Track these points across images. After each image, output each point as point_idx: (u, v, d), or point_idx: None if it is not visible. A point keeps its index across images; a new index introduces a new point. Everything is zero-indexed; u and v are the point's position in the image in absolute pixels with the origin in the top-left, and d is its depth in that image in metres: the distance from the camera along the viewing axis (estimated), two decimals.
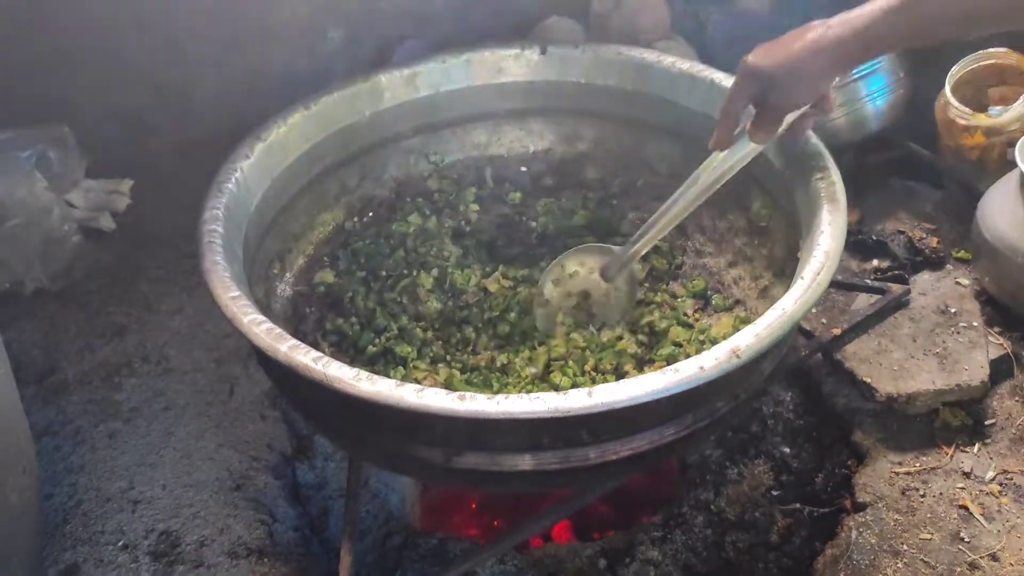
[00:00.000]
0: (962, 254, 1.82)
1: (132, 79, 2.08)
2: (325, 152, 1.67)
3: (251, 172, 1.51)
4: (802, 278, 1.22)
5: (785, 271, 1.55)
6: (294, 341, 1.15)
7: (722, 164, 1.34)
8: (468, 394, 1.07)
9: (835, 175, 1.37)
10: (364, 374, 1.09)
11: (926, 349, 1.59)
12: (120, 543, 1.43)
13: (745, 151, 1.31)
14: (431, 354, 1.54)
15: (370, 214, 1.76)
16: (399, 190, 1.80)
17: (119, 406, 1.65)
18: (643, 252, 1.50)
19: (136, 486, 1.51)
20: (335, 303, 1.62)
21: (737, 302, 1.60)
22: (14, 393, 1.24)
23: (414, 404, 1.04)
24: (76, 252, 1.90)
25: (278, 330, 1.17)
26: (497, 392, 1.32)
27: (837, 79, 1.31)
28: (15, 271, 1.81)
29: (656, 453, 1.17)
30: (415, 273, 1.66)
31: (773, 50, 1.23)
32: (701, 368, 1.09)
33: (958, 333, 1.61)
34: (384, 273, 1.66)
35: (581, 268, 1.59)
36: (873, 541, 1.39)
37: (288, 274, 1.62)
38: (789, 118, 1.28)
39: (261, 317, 1.20)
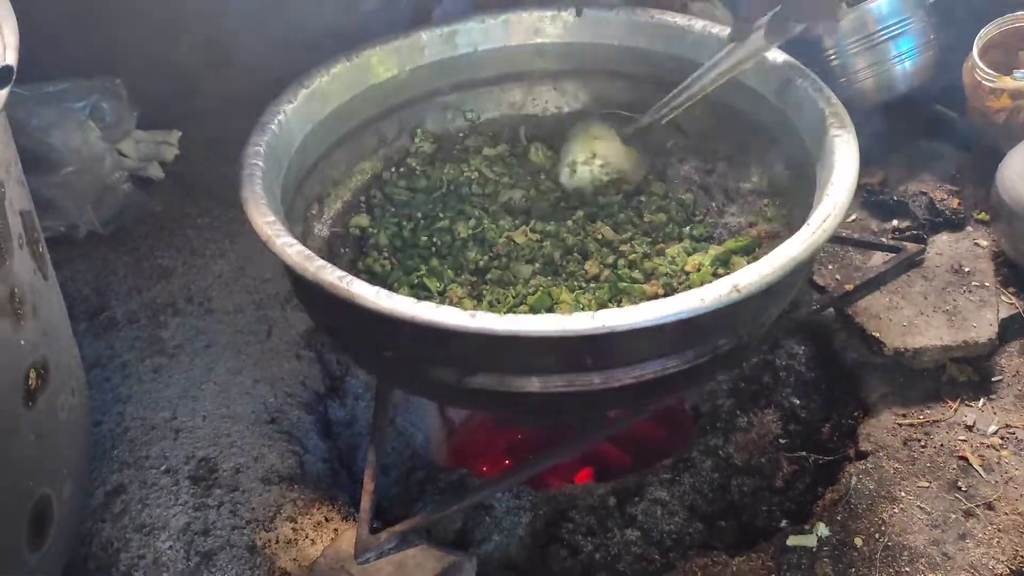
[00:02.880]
0: (983, 216, 1.84)
1: (181, 35, 2.16)
2: (365, 104, 1.74)
3: (294, 116, 1.58)
4: (808, 224, 1.28)
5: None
6: (322, 262, 1.23)
7: (736, 55, 1.51)
8: (478, 312, 1.14)
9: (850, 130, 1.41)
10: (384, 291, 1.17)
11: (936, 306, 1.62)
12: (163, 467, 1.53)
13: (756, 47, 1.48)
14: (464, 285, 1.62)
15: (407, 164, 1.83)
16: (435, 144, 1.87)
17: (164, 343, 1.75)
18: (661, 121, 1.69)
19: (178, 416, 1.61)
20: (368, 245, 1.70)
21: (755, 259, 1.65)
22: (66, 323, 1.34)
23: (427, 319, 1.12)
24: (127, 199, 2.00)
25: (308, 252, 1.25)
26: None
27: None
28: (70, 215, 1.92)
29: (658, 385, 1.23)
30: (449, 220, 1.74)
31: None
32: (701, 300, 1.15)
33: (970, 292, 1.65)
34: (420, 215, 1.72)
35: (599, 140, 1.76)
36: (871, 487, 1.45)
37: (326, 216, 1.69)
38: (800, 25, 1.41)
39: (292, 240, 1.27)
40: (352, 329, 1.33)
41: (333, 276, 1.19)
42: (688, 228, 1.69)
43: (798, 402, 1.66)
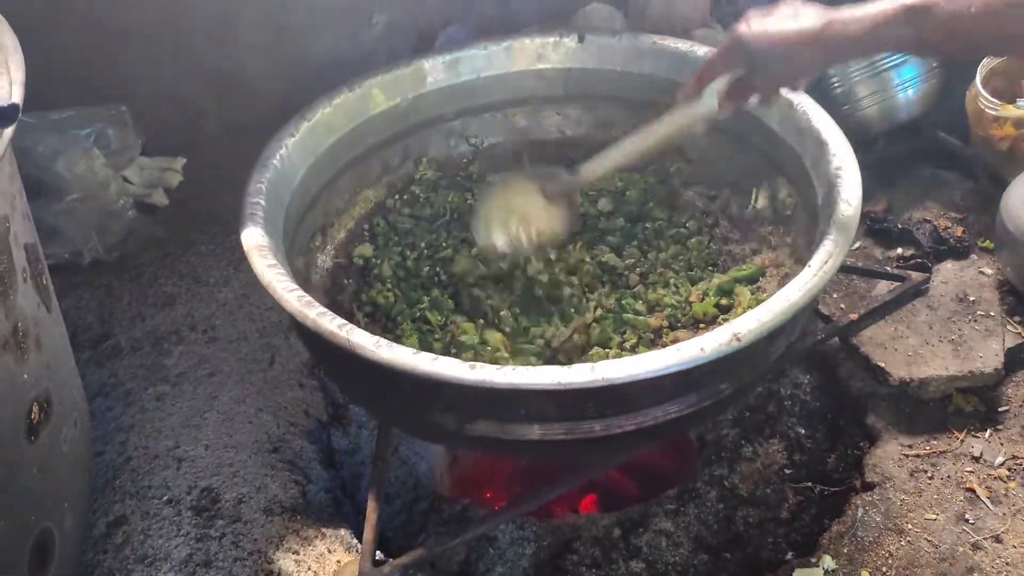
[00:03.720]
0: (987, 244, 1.84)
1: (187, 63, 2.17)
2: (368, 132, 1.74)
3: (295, 149, 1.59)
4: (809, 266, 1.27)
5: (806, 260, 1.59)
6: (322, 308, 1.23)
7: (682, 116, 1.40)
8: (478, 364, 1.14)
9: (852, 164, 1.41)
10: (384, 341, 1.17)
11: (942, 336, 1.62)
12: (165, 498, 1.52)
13: (707, 111, 1.37)
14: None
15: (411, 191, 1.84)
16: (440, 171, 1.88)
17: (167, 371, 1.75)
18: (590, 180, 1.57)
19: (181, 445, 1.61)
20: (372, 275, 1.70)
21: (759, 288, 1.65)
22: (69, 354, 1.35)
23: (426, 371, 1.11)
24: (131, 226, 2.01)
25: (308, 298, 1.25)
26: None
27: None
28: (74, 242, 1.92)
29: (660, 429, 1.23)
30: (451, 248, 1.74)
31: (768, 28, 1.20)
32: (702, 350, 1.14)
33: (975, 321, 1.64)
34: (423, 245, 1.73)
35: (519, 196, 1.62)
36: (878, 519, 1.44)
37: (329, 246, 1.70)
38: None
39: (294, 285, 1.28)
40: (352, 374, 1.32)
41: (333, 325, 1.19)
42: (692, 256, 1.70)
43: (803, 432, 1.65)
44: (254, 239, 1.35)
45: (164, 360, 1.77)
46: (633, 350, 1.52)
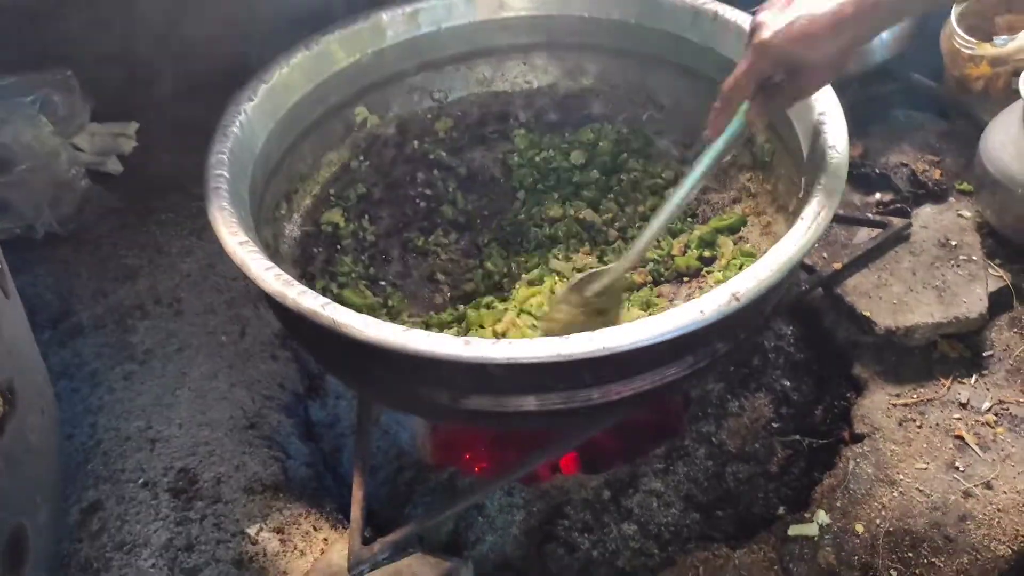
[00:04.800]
0: (965, 186, 1.82)
1: (133, 22, 2.07)
2: (329, 92, 1.67)
3: (255, 114, 1.51)
4: (802, 218, 1.24)
5: (788, 207, 1.56)
6: (302, 288, 1.17)
7: (713, 159, 1.21)
8: (473, 339, 1.10)
9: (837, 112, 1.37)
10: (372, 320, 1.12)
11: (925, 282, 1.60)
12: (140, 480, 1.47)
13: (737, 135, 1.20)
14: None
15: (376, 153, 1.78)
16: (402, 127, 1.81)
17: (134, 348, 1.68)
18: (631, 267, 1.36)
19: (153, 425, 1.55)
20: (342, 243, 1.65)
21: (741, 238, 1.62)
22: (31, 338, 1.28)
23: (421, 349, 1.07)
24: (85, 196, 1.91)
25: (286, 276, 1.19)
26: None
27: None
28: (25, 216, 1.83)
29: (657, 391, 1.20)
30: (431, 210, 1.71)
31: (795, 24, 1.05)
32: (701, 312, 1.11)
33: (958, 266, 1.63)
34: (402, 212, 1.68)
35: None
36: (870, 471, 1.43)
37: (296, 215, 1.64)
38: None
39: (270, 263, 1.22)
40: (335, 352, 1.27)
41: (316, 304, 1.13)
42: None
43: (789, 384, 1.64)
44: (222, 214, 1.28)
45: (129, 337, 1.70)
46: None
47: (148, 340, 1.70)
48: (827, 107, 1.39)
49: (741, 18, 1.58)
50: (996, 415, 1.48)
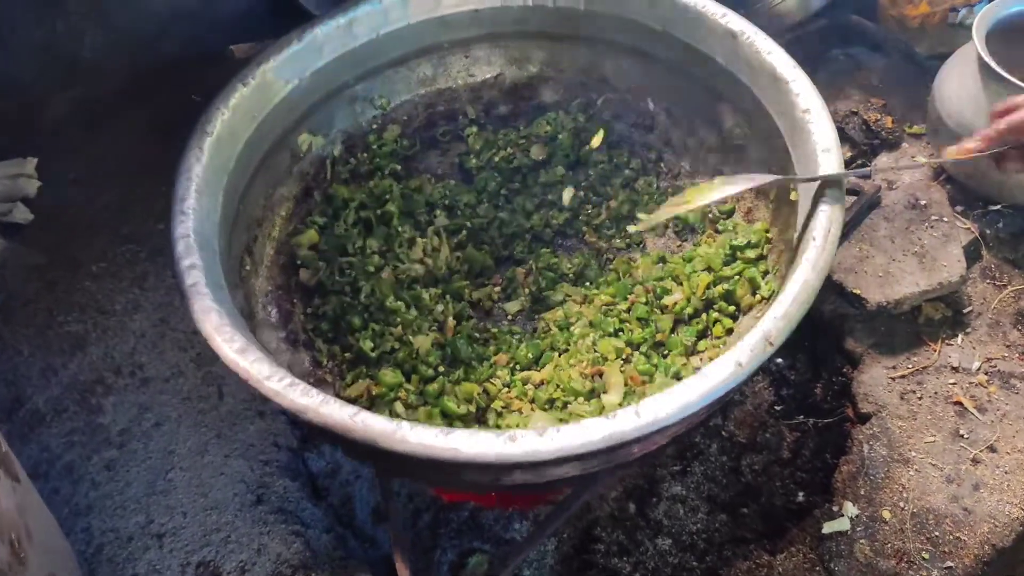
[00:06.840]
0: (915, 129, 1.85)
1: (9, 41, 1.84)
2: (273, 125, 1.55)
3: (207, 175, 1.37)
4: (814, 239, 1.23)
5: (767, 192, 1.55)
6: (324, 396, 1.10)
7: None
8: (519, 433, 1.06)
9: (818, 105, 1.36)
10: (406, 425, 1.06)
11: (905, 249, 1.63)
12: None
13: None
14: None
15: (325, 182, 1.67)
16: (348, 143, 1.70)
17: (107, 431, 1.56)
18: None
19: (155, 519, 1.46)
20: (315, 291, 1.55)
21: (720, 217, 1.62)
22: (54, 522, 1.16)
23: (465, 455, 1.02)
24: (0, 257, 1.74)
25: (305, 386, 1.11)
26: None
27: None
28: None
29: (694, 429, 1.20)
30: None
31: None
32: (739, 364, 1.11)
33: (931, 227, 1.66)
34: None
35: None
36: (884, 452, 1.48)
37: (261, 267, 1.53)
38: None
39: (282, 372, 1.13)
40: (366, 451, 1.21)
41: (344, 414, 1.07)
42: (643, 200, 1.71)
43: (784, 363, 1.67)
44: (211, 320, 1.18)
45: (98, 418, 1.58)
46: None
47: (120, 419, 1.58)
48: (809, 103, 1.39)
49: (700, 2, 1.53)
50: (987, 374, 1.55)
